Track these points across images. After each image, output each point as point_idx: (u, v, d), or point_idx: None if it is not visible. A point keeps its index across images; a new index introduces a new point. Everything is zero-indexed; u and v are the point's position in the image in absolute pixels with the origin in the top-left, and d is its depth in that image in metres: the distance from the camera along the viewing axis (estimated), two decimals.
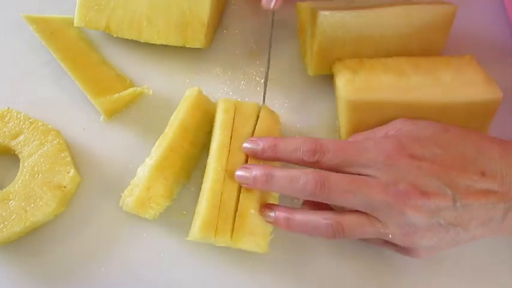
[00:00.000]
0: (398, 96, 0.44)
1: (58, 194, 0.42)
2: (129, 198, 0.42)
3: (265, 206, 0.40)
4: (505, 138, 0.48)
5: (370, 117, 0.45)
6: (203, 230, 0.38)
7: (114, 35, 0.49)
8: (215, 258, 0.43)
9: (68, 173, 0.43)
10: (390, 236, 0.37)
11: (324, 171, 0.38)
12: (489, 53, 0.53)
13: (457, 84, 0.45)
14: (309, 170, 0.38)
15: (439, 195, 0.35)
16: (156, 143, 0.44)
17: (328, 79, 0.49)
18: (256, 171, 0.39)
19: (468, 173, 0.36)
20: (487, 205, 0.36)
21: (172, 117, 0.45)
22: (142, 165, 0.43)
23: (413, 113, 0.44)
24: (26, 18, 0.50)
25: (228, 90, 0.50)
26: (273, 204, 0.40)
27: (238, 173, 0.40)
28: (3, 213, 0.41)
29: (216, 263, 0.43)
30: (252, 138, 0.41)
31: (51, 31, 0.50)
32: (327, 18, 0.44)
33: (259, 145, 0.40)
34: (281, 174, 0.38)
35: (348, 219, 0.37)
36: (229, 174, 0.40)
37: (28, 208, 0.41)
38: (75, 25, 0.50)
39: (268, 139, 0.40)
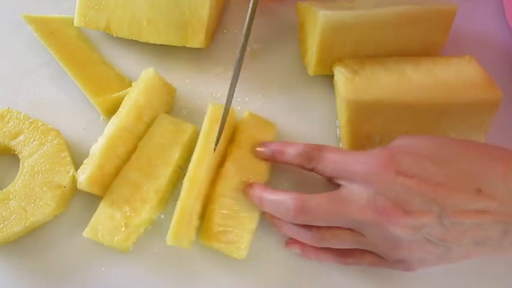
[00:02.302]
0: (398, 96, 0.44)
1: (58, 194, 0.42)
2: (82, 176, 0.42)
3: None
4: (505, 138, 0.49)
5: (370, 117, 0.45)
6: (176, 238, 0.40)
7: (114, 35, 0.49)
8: (215, 257, 0.43)
9: (68, 173, 0.43)
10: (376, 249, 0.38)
11: (306, 195, 0.38)
12: (489, 53, 0.53)
13: (457, 84, 0.45)
14: (292, 196, 0.38)
15: (422, 212, 0.34)
16: (109, 122, 0.44)
17: (328, 79, 0.49)
18: (253, 191, 0.41)
19: (460, 192, 0.34)
20: (481, 225, 0.34)
21: (126, 98, 0.45)
22: (95, 144, 0.43)
23: (414, 113, 0.44)
24: (25, 18, 0.50)
25: (227, 90, 0.50)
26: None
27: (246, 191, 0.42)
28: (3, 213, 0.41)
29: (217, 264, 0.43)
30: (264, 143, 0.44)
31: (50, 31, 0.50)
32: (327, 18, 0.44)
33: (269, 149, 0.43)
34: (269, 198, 0.40)
35: (332, 233, 0.38)
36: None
37: (28, 208, 0.41)
38: (75, 25, 0.50)
39: (277, 144, 0.43)
